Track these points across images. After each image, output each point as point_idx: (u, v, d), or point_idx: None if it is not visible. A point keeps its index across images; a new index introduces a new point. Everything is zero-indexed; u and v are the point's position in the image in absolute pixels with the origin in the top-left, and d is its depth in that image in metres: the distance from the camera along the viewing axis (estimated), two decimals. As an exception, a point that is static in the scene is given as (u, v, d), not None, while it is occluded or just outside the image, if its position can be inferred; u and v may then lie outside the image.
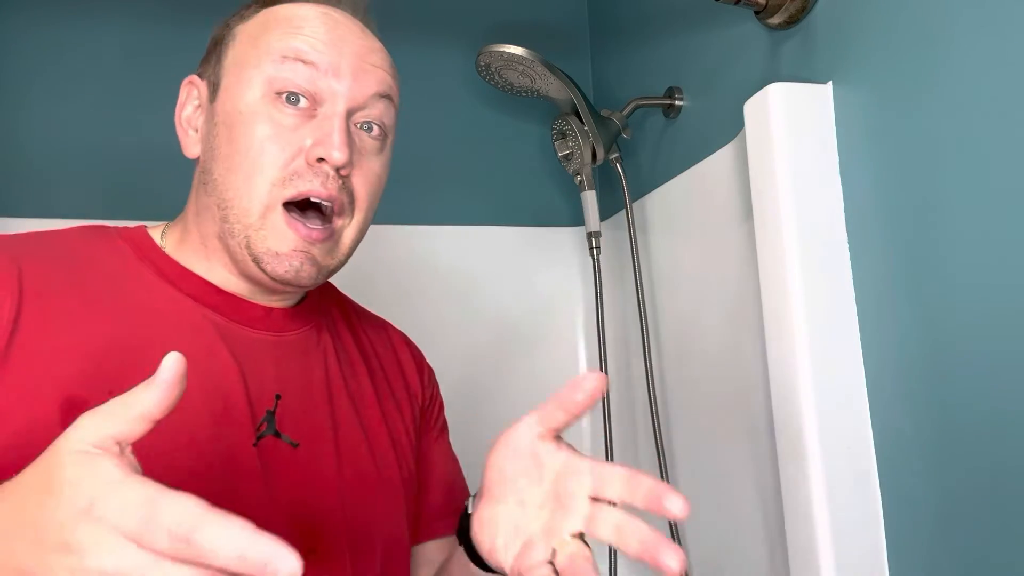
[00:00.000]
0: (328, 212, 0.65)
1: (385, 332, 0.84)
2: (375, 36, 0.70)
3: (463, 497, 0.83)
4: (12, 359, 0.56)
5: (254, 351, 0.67)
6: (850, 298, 0.81)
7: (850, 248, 0.81)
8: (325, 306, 0.78)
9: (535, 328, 1.44)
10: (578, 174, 1.23)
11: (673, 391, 1.19)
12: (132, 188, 1.23)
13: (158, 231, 0.71)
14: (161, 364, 0.41)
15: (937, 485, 0.72)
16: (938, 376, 0.72)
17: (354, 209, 0.67)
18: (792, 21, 0.90)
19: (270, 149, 0.63)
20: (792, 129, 0.82)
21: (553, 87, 1.19)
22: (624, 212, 1.23)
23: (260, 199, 0.63)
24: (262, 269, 0.64)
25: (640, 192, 1.28)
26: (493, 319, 1.42)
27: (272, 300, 0.70)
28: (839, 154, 0.83)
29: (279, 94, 0.64)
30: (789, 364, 0.79)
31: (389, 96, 0.68)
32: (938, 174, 0.72)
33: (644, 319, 1.19)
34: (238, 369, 0.64)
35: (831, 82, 0.84)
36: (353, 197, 0.67)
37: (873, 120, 0.79)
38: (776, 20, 0.92)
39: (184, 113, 0.70)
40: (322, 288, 0.79)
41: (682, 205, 1.16)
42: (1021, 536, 0.64)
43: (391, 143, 0.71)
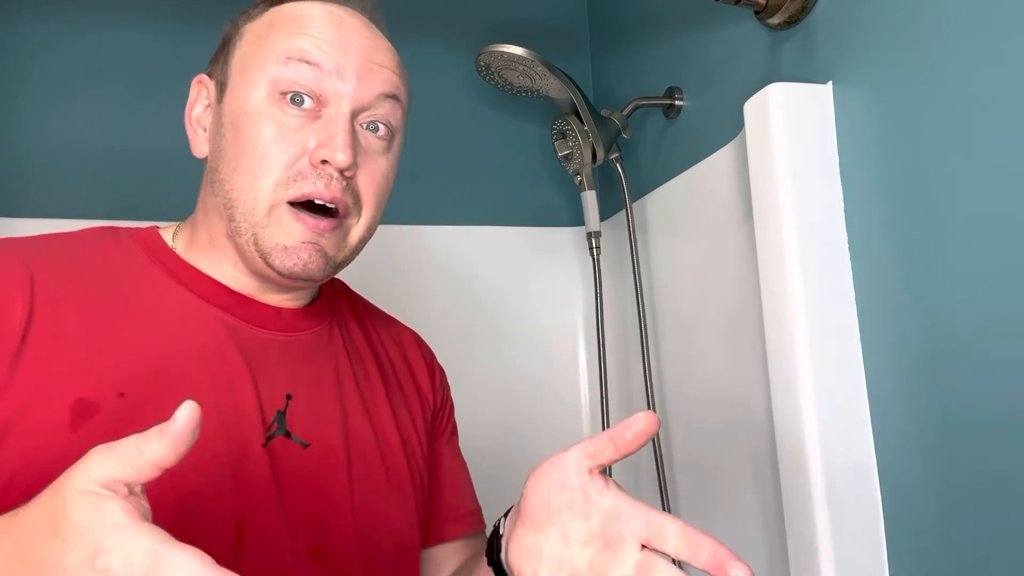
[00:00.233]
0: (333, 213, 0.65)
1: (396, 330, 0.84)
2: (383, 34, 0.70)
3: (472, 502, 0.83)
4: (23, 362, 0.56)
5: (265, 352, 0.66)
6: (850, 298, 0.81)
7: (850, 248, 0.81)
8: (336, 304, 0.77)
9: (535, 328, 1.44)
10: (578, 174, 1.23)
11: (673, 391, 1.18)
12: (139, 188, 1.23)
13: (169, 232, 0.71)
14: (176, 414, 0.41)
15: (937, 486, 0.72)
16: (938, 376, 0.72)
17: (361, 208, 0.67)
18: (792, 21, 0.90)
19: (274, 150, 0.63)
20: (792, 129, 0.82)
21: (553, 87, 1.19)
22: (624, 212, 1.23)
23: (265, 199, 0.63)
24: (270, 265, 0.64)
25: (640, 192, 1.28)
26: (493, 319, 1.41)
27: (283, 300, 0.69)
28: (839, 154, 0.83)
29: (283, 95, 0.64)
30: (789, 364, 0.79)
31: (395, 96, 0.68)
32: (938, 174, 0.72)
33: (643, 319, 1.19)
34: (248, 370, 0.64)
35: (831, 82, 0.84)
36: (359, 197, 0.66)
37: (873, 120, 0.79)
38: (776, 20, 0.92)
39: (194, 113, 0.70)
40: (333, 285, 0.79)
41: (682, 205, 1.16)
42: (1021, 538, 0.64)
43: (399, 142, 0.71)
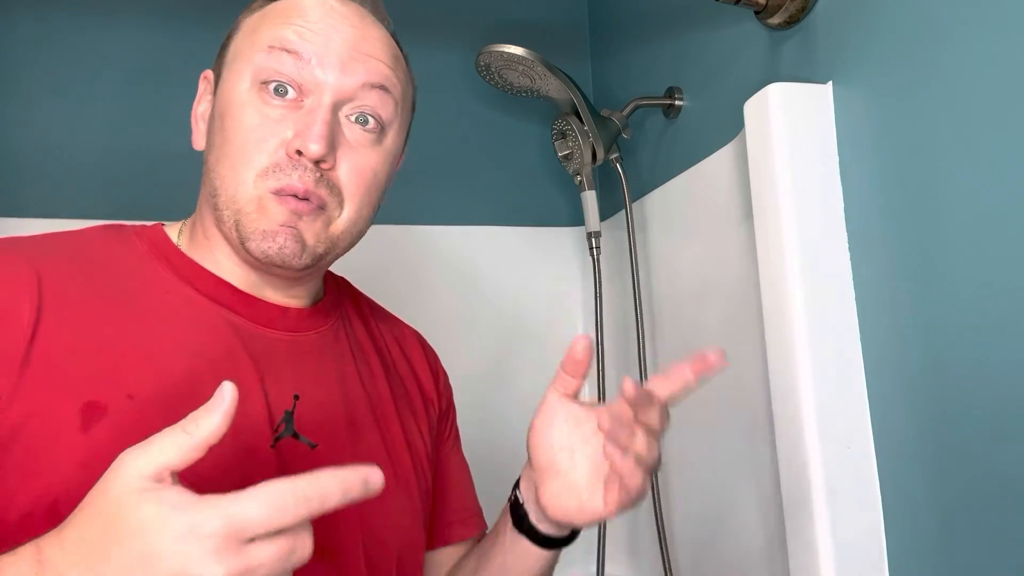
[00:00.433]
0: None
1: (399, 330, 0.84)
2: (379, 25, 0.68)
3: (476, 504, 0.83)
4: (32, 365, 0.55)
5: (271, 352, 0.66)
6: (850, 298, 0.81)
7: (850, 248, 0.81)
8: (341, 303, 0.77)
9: (535, 328, 1.44)
10: (578, 174, 1.23)
11: (673, 391, 1.18)
12: (139, 188, 1.23)
13: (175, 229, 0.70)
14: (219, 392, 0.43)
15: (937, 485, 0.72)
16: (938, 376, 0.72)
17: (343, 201, 0.65)
18: (792, 21, 0.90)
19: (255, 140, 0.62)
20: (792, 129, 0.82)
21: (553, 87, 1.19)
22: (624, 212, 1.23)
23: (247, 189, 0.62)
24: (247, 249, 0.62)
25: (640, 192, 1.28)
26: (493, 319, 1.41)
27: (287, 298, 0.69)
28: (839, 154, 0.83)
29: (265, 84, 0.63)
30: (789, 364, 0.79)
31: (383, 86, 0.65)
32: (938, 174, 0.72)
33: (640, 319, 1.19)
34: (256, 371, 0.63)
35: (831, 82, 0.84)
36: (339, 190, 0.64)
37: (873, 120, 0.79)
38: (776, 20, 0.92)
39: (199, 108, 0.69)
40: (337, 284, 0.78)
41: (682, 205, 1.16)
42: (1021, 538, 0.64)
43: (396, 136, 0.69)
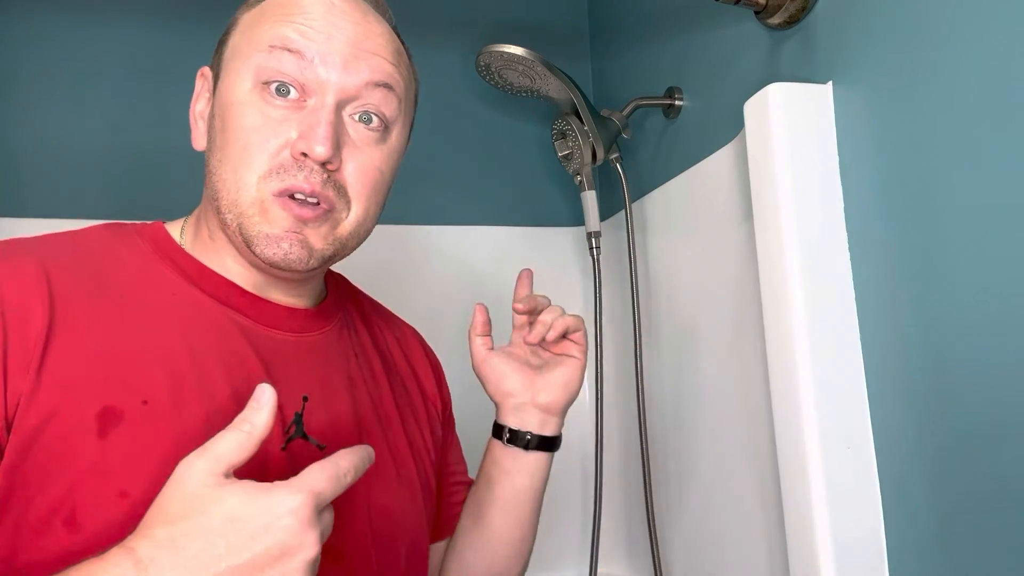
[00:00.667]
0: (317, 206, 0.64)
1: (399, 329, 0.84)
2: (381, 20, 0.67)
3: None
4: (47, 369, 0.55)
5: (279, 353, 0.66)
6: (850, 298, 0.81)
7: (850, 248, 0.81)
8: (343, 303, 0.77)
9: (535, 328, 1.44)
10: (578, 174, 1.23)
11: (672, 391, 1.18)
12: (139, 188, 1.23)
13: (176, 227, 0.69)
14: (259, 391, 0.50)
15: (937, 485, 0.72)
16: (938, 376, 0.72)
17: (349, 202, 0.64)
18: (792, 21, 0.90)
19: (257, 141, 0.61)
20: (792, 129, 0.82)
21: (553, 87, 1.19)
22: (624, 212, 1.23)
23: (249, 192, 0.61)
24: (253, 252, 0.62)
25: (640, 192, 1.28)
26: (493, 319, 1.41)
27: (291, 298, 0.69)
28: (839, 154, 0.83)
29: (267, 84, 0.62)
30: (789, 364, 0.79)
31: (386, 84, 0.65)
32: (938, 174, 0.72)
33: (637, 319, 1.19)
34: (266, 373, 0.63)
35: (831, 82, 0.84)
36: (345, 191, 0.64)
37: (873, 120, 0.79)
38: (776, 20, 0.92)
39: (198, 106, 0.68)
40: (339, 284, 0.78)
41: (682, 205, 1.16)
42: (1022, 538, 0.64)
43: (399, 133, 0.68)
